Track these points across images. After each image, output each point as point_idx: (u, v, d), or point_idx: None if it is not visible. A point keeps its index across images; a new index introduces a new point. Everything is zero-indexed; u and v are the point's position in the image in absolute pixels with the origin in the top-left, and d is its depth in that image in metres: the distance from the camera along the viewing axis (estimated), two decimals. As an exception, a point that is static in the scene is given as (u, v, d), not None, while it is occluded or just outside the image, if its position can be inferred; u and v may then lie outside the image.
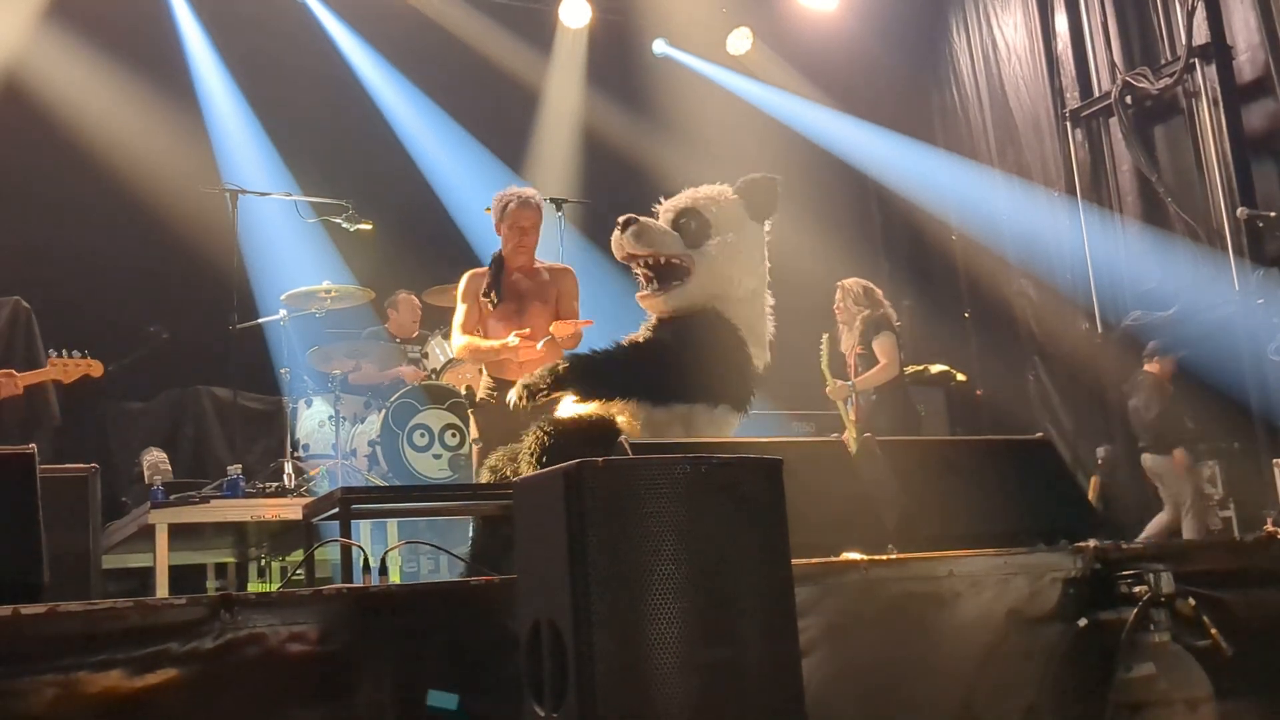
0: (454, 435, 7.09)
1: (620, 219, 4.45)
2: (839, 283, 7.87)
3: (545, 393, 4.27)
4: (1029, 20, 10.04)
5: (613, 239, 4.46)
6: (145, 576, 6.38)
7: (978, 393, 9.71)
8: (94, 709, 2.57)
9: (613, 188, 8.85)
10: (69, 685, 2.55)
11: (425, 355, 7.99)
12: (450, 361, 7.61)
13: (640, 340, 4.44)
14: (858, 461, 4.05)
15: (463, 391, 6.87)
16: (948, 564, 3.51)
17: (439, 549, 4.13)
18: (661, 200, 4.64)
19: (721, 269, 4.46)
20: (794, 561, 2.62)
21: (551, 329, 5.48)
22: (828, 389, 7.51)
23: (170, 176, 8.28)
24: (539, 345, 5.54)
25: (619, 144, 9.96)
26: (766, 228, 4.69)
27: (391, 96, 9.88)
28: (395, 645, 2.86)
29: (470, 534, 4.55)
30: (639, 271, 4.52)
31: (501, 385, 5.50)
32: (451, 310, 5.93)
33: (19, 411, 6.30)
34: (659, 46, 11.05)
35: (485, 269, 5.73)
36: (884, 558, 3.45)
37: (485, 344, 5.52)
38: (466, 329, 5.59)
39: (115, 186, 8.29)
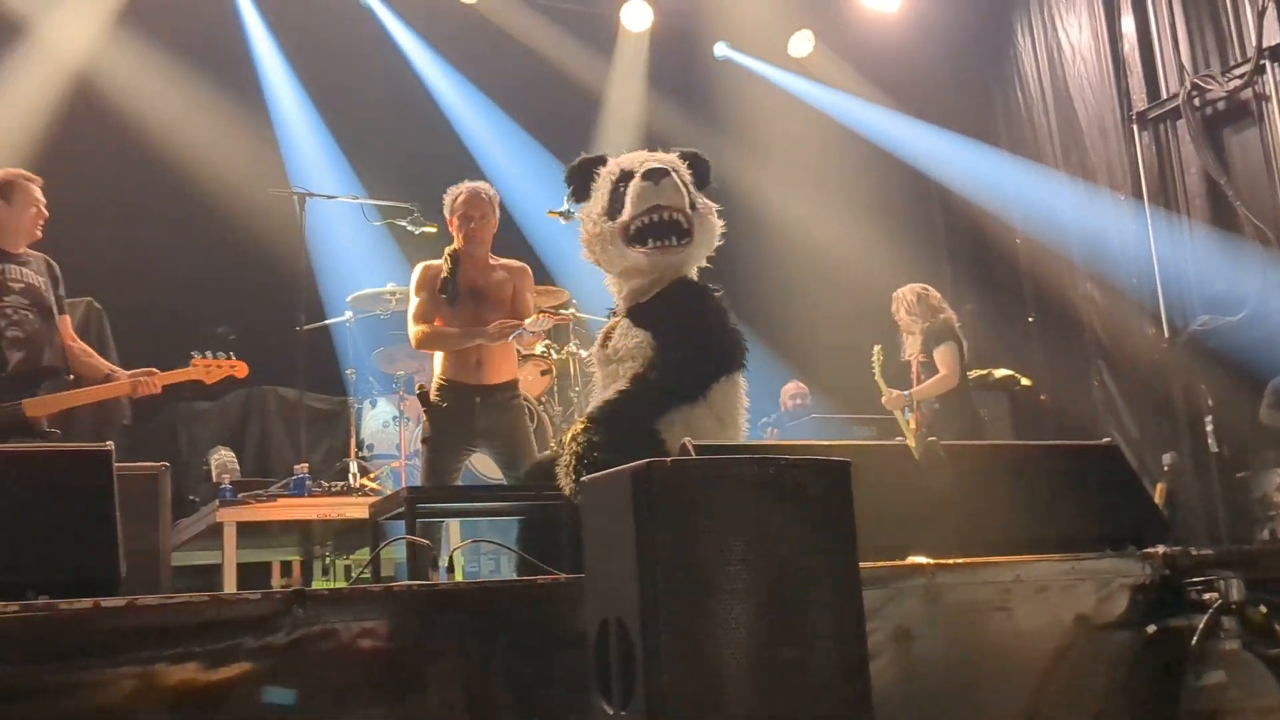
0: (516, 436, 7.12)
1: (650, 168, 4.32)
2: (894, 292, 7.82)
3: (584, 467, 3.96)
4: (1094, 22, 9.92)
5: (643, 189, 4.29)
6: (212, 574, 6.47)
7: (1041, 398, 9.61)
8: (170, 701, 2.62)
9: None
10: (147, 677, 2.61)
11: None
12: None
13: (647, 368, 4.26)
14: (922, 465, 4.04)
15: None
16: (1014, 569, 3.49)
17: (507, 548, 4.16)
18: (605, 157, 4.58)
19: (711, 230, 4.50)
20: (860, 564, 2.62)
21: (526, 322, 5.50)
22: (883, 399, 7.51)
23: (240, 180, 8.43)
24: (510, 338, 5.57)
25: (681, 146, 9.95)
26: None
27: (455, 100, 9.99)
28: (464, 642, 2.89)
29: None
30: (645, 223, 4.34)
31: (454, 387, 5.57)
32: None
33: (92, 410, 6.39)
34: (720, 49, 11.05)
35: (439, 262, 5.71)
36: (950, 562, 3.43)
37: (450, 332, 5.55)
38: (425, 319, 5.59)
39: (186, 190, 8.45)
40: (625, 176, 4.39)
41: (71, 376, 5.58)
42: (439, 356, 5.75)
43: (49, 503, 3.11)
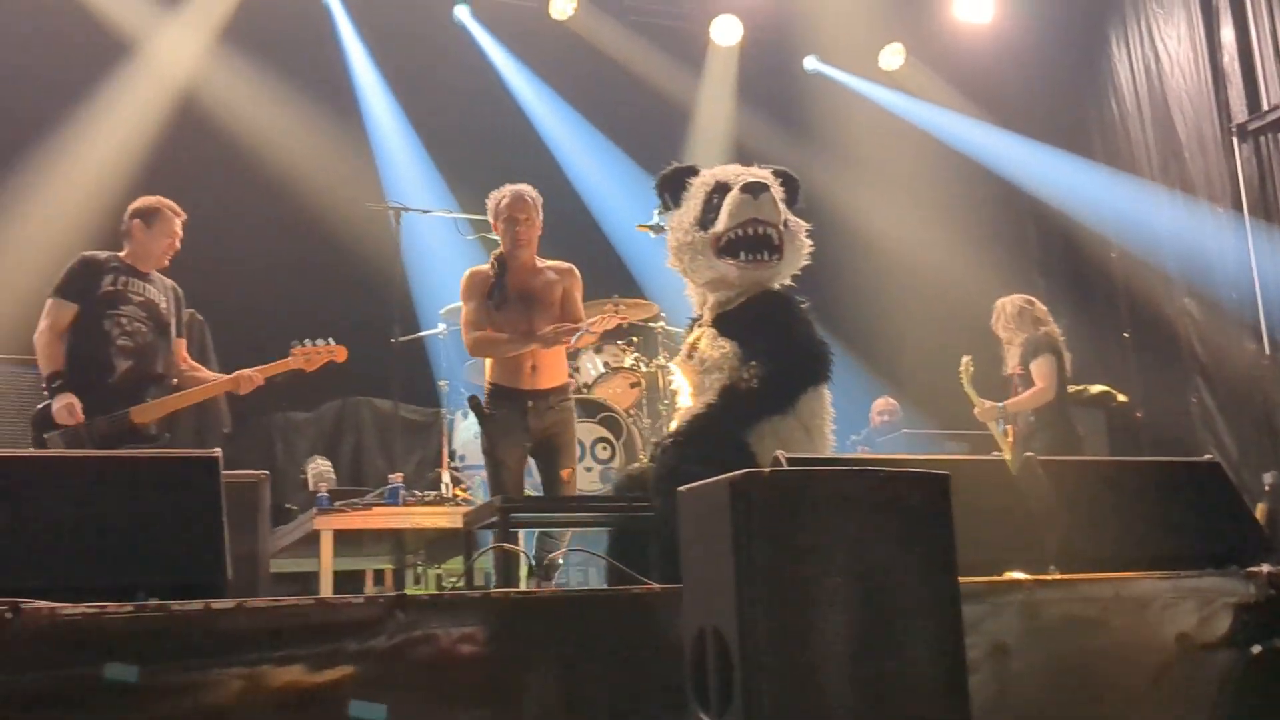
0: (605, 448, 7.17)
1: (749, 182, 4.31)
2: (996, 303, 7.66)
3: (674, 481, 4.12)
4: (1193, 32, 9.76)
5: (741, 201, 4.29)
6: (308, 581, 6.59)
7: (1137, 414, 9.45)
8: (276, 702, 2.68)
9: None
10: (254, 678, 2.67)
11: (577, 370, 8.10)
12: (601, 376, 7.70)
13: (735, 379, 4.23)
14: (1019, 480, 4.00)
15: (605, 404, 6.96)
16: (1113, 586, 3.45)
17: (602, 557, 4.19)
18: (645, 173, 4.65)
19: (800, 250, 4.47)
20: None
21: (582, 326, 5.49)
22: (976, 410, 7.41)
23: (337, 195, 8.61)
24: (574, 339, 5.56)
25: (770, 160, 9.96)
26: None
27: (547, 115, 10.09)
28: (561, 650, 2.92)
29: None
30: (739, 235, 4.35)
31: (505, 393, 5.56)
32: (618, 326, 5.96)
33: (193, 418, 6.56)
34: (810, 63, 11.04)
35: (486, 267, 5.70)
36: (1048, 578, 3.40)
37: (503, 338, 5.52)
38: (477, 325, 5.57)
39: (285, 204, 8.66)
40: (721, 188, 4.40)
41: (175, 381, 5.77)
42: (488, 362, 5.73)
43: (159, 506, 3.19)
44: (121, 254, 5.70)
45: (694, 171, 4.59)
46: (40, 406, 5.42)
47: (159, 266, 5.79)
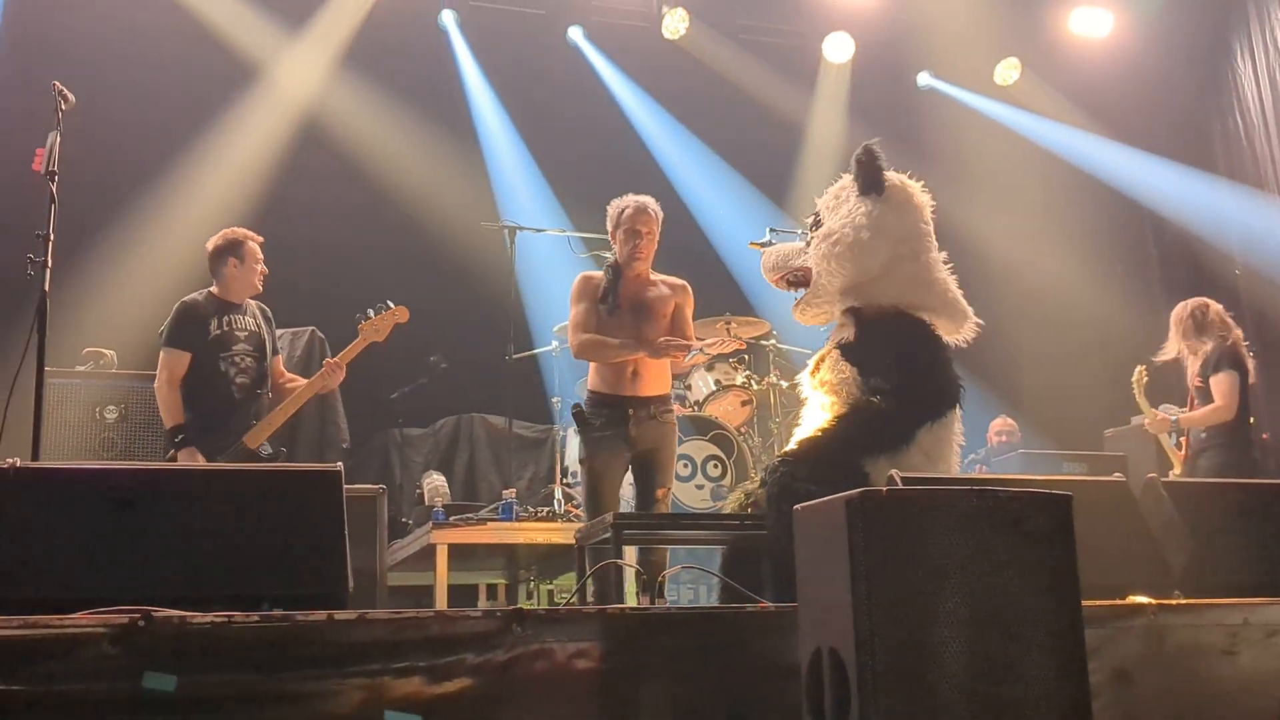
0: (716, 466, 7.17)
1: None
2: (1186, 301, 7.18)
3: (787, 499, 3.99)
4: (1323, 42, 9.50)
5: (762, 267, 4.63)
6: (423, 594, 6.68)
7: (1265, 436, 9.16)
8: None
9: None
10: (374, 689, 2.70)
11: (688, 388, 8.11)
12: (712, 393, 7.70)
13: (851, 410, 4.16)
14: (1142, 503, 3.91)
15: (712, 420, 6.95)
16: (1241, 611, 3.35)
17: (715, 575, 4.18)
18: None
19: (825, 263, 4.28)
20: (1080, 602, 2.57)
21: (702, 344, 5.44)
22: (1147, 422, 6.97)
23: (453, 214, 8.77)
24: (688, 358, 5.52)
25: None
26: (911, 190, 4.45)
27: (658, 134, 10.15)
28: (675, 667, 2.92)
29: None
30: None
31: (607, 400, 5.49)
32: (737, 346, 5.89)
33: (312, 432, 6.71)
34: (923, 79, 10.95)
35: (598, 274, 5.68)
36: (1173, 602, 3.32)
37: (612, 342, 5.46)
38: (585, 328, 5.53)
39: (402, 223, 8.85)
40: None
41: (270, 397, 5.97)
42: (592, 368, 5.68)
43: (283, 519, 3.25)
44: (215, 291, 5.86)
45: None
46: (167, 458, 5.62)
47: (254, 294, 5.96)
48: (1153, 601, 3.29)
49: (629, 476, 5.72)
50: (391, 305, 6.02)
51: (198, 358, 5.69)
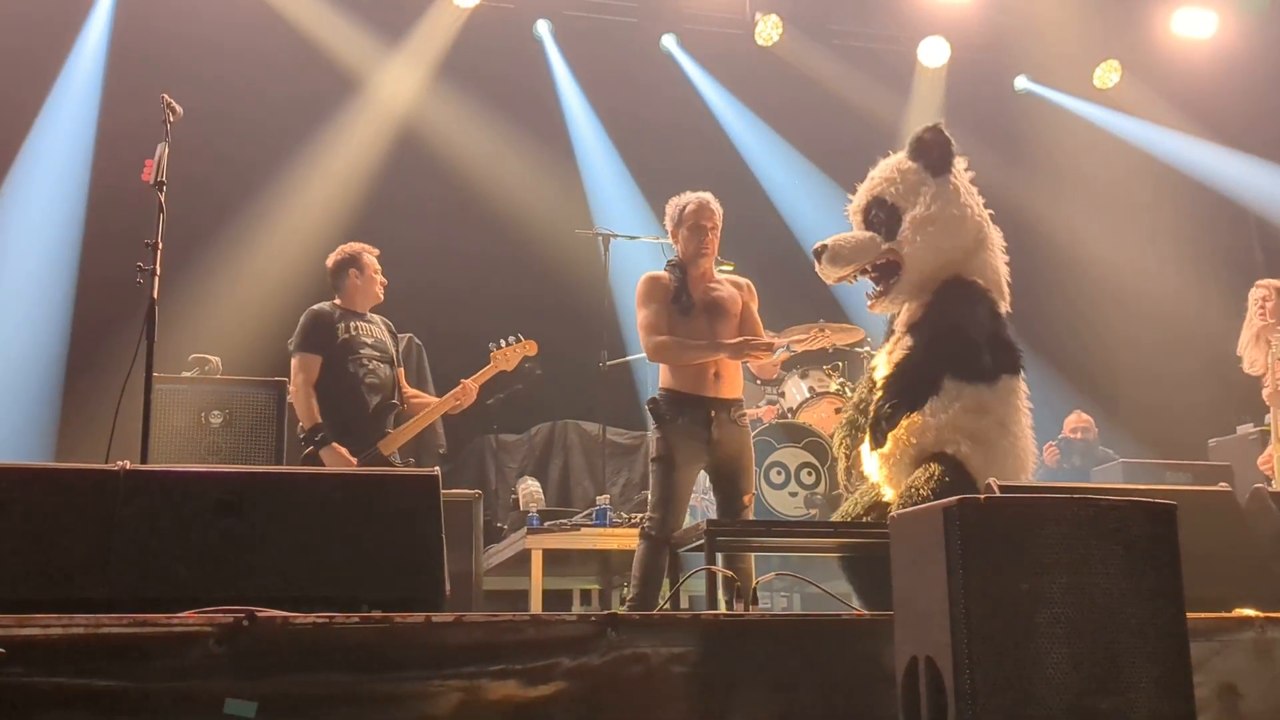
0: (810, 473, 7.13)
1: (813, 249, 4.55)
2: (1260, 282, 6.74)
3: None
4: None
5: (821, 272, 4.58)
6: (517, 599, 6.74)
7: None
8: (493, 715, 2.75)
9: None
10: (471, 691, 2.74)
11: (782, 395, 8.08)
12: (806, 400, 7.67)
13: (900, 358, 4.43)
14: (1249, 514, 3.82)
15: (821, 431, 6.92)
16: (1353, 626, 3.26)
17: (811, 583, 4.17)
18: (850, 199, 4.71)
19: (929, 246, 4.38)
20: (1185, 614, 2.52)
21: (788, 341, 5.37)
22: (1266, 392, 6.43)
23: (548, 221, 8.85)
24: (776, 354, 5.45)
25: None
26: (962, 167, 4.57)
27: (751, 141, 10.14)
28: (769, 674, 2.92)
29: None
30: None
31: (688, 399, 5.35)
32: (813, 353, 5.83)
33: (412, 439, 6.80)
34: (1021, 82, 10.79)
35: (663, 273, 5.55)
36: (1281, 616, 3.24)
37: (694, 344, 5.35)
38: (659, 330, 5.39)
39: (498, 231, 8.96)
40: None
41: (404, 409, 6.21)
42: (663, 369, 5.54)
43: (382, 523, 3.30)
44: (339, 302, 6.12)
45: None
46: (305, 455, 5.80)
47: (376, 303, 6.22)
48: (1260, 615, 3.21)
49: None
50: (521, 338, 6.27)
51: (328, 360, 5.90)
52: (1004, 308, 4.49)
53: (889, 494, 4.40)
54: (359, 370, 5.94)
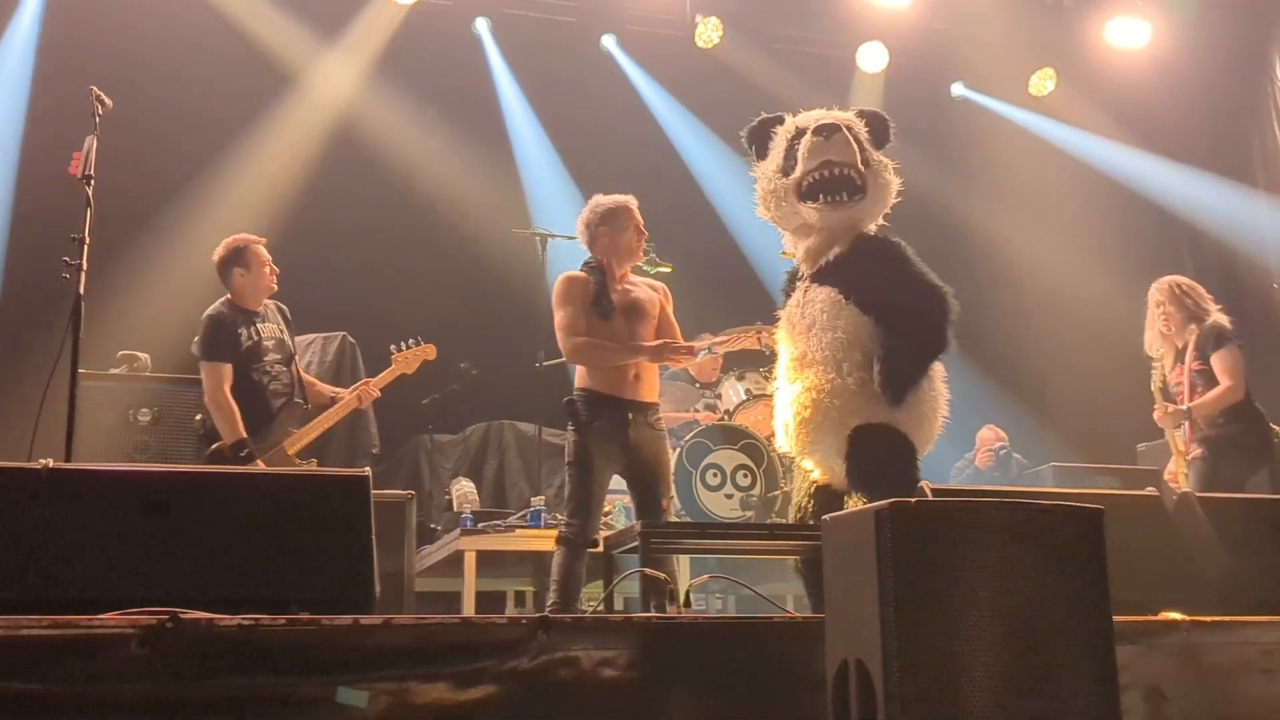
0: (746, 476, 7.14)
1: (821, 124, 4.46)
2: (1159, 282, 6.69)
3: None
4: (1363, 54, 9.40)
5: (814, 144, 4.44)
6: (451, 600, 6.69)
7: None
8: (421, 718, 2.72)
9: (906, 230, 8.78)
10: (400, 694, 2.71)
11: (719, 397, 8.10)
12: (742, 402, 7.68)
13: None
14: (1175, 517, 3.87)
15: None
16: (1277, 629, 3.31)
17: (744, 585, 4.18)
18: (784, 117, 4.69)
19: (886, 188, 4.53)
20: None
21: (712, 345, 5.39)
22: (1156, 414, 6.51)
23: (485, 221, 8.79)
24: (698, 356, 5.45)
25: (916, 186, 9.87)
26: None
27: (691, 142, 10.14)
28: (701, 677, 2.91)
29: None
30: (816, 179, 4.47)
31: (607, 400, 5.28)
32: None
33: (343, 438, 6.75)
34: (958, 89, 10.90)
35: (582, 274, 5.48)
36: (1207, 619, 3.27)
37: (613, 346, 5.29)
38: (578, 331, 5.33)
39: (435, 229, 8.89)
40: (799, 133, 4.50)
41: (309, 406, 6.05)
42: (579, 369, 5.46)
43: (311, 523, 3.27)
44: (232, 299, 5.90)
45: (780, 121, 4.68)
46: (213, 455, 5.65)
47: (270, 294, 6.02)
48: (1186, 618, 3.25)
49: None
50: (421, 341, 6.29)
51: (236, 368, 5.75)
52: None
53: (815, 470, 4.42)
54: (263, 378, 5.81)
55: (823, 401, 4.25)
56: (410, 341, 6.31)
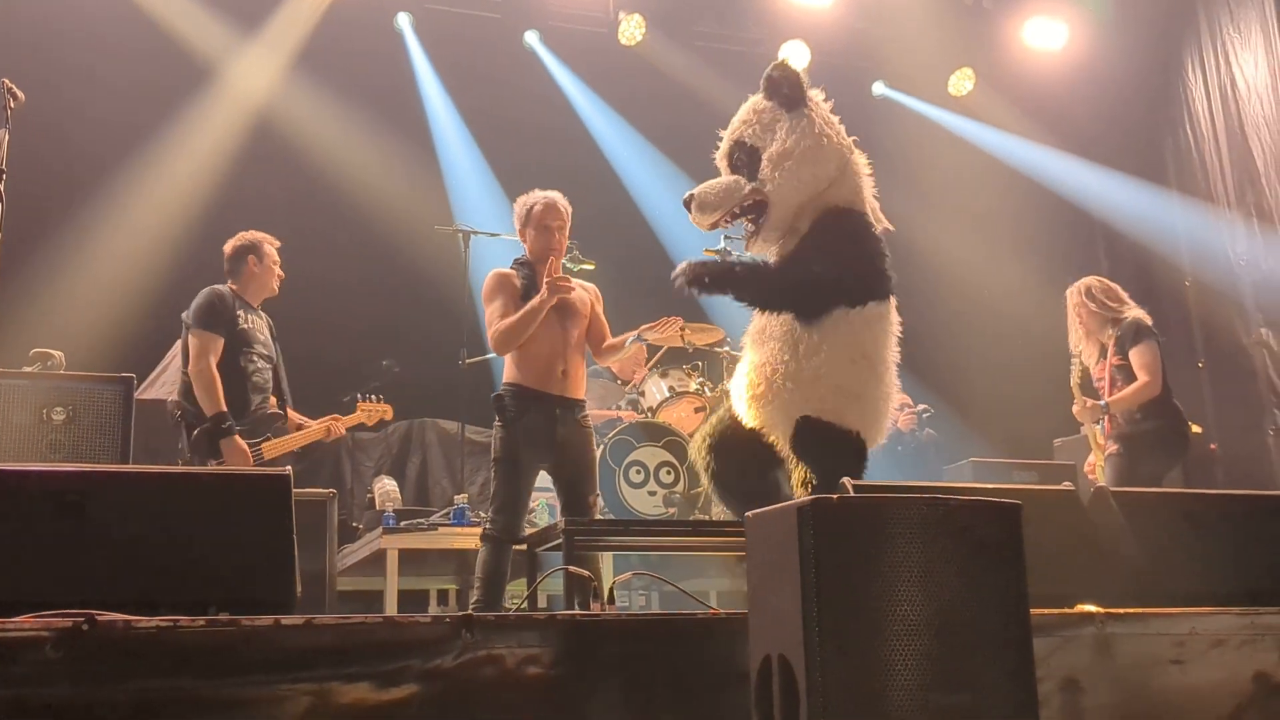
0: (669, 472, 7.17)
1: (683, 200, 4.58)
2: (1075, 284, 6.88)
3: (708, 286, 4.38)
4: (1271, 58, 9.60)
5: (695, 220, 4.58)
6: (373, 599, 6.63)
7: (1212, 446, 9.29)
8: (343, 719, 2.69)
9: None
10: (321, 694, 2.67)
11: (642, 394, 8.11)
12: (665, 400, 7.70)
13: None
14: (1091, 512, 3.94)
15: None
16: (1189, 621, 3.37)
17: (667, 582, 4.19)
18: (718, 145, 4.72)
19: (789, 180, 4.42)
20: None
21: (648, 335, 5.44)
22: (1075, 409, 6.65)
23: (407, 217, 8.72)
24: (628, 344, 5.48)
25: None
26: (821, 99, 4.70)
27: (614, 140, 10.15)
28: (625, 673, 2.91)
29: None
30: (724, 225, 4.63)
31: (533, 395, 5.27)
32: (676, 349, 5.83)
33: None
34: (878, 88, 11.01)
35: (511, 271, 5.50)
36: (1121, 611, 3.33)
37: (515, 316, 5.24)
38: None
39: (356, 226, 8.81)
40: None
41: (286, 419, 6.10)
42: (511, 361, 5.44)
43: (230, 523, 3.22)
44: (235, 288, 5.92)
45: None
46: (200, 434, 5.61)
47: (270, 296, 6.08)
48: (1101, 610, 3.31)
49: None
50: (383, 400, 6.65)
51: (227, 346, 5.73)
52: (879, 228, 4.58)
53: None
54: (248, 365, 5.79)
55: (775, 381, 4.27)
56: (374, 396, 6.65)
